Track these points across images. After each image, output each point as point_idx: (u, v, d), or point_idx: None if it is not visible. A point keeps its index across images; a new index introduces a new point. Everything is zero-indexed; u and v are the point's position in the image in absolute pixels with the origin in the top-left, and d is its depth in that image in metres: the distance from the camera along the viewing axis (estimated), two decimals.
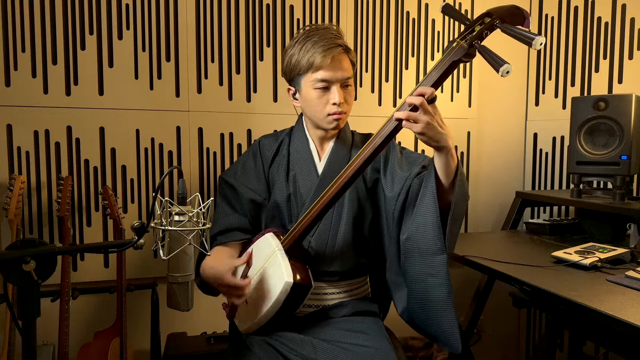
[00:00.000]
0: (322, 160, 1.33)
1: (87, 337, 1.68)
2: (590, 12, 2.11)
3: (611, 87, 2.07)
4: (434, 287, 1.14)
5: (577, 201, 1.78)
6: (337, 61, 1.22)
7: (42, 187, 1.71)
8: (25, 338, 0.90)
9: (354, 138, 1.38)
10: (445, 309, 1.13)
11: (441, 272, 1.13)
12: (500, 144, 2.31)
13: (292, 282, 1.09)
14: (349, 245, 1.29)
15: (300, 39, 1.24)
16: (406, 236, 1.18)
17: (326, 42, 1.21)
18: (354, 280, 1.33)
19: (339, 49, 1.23)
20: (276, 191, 1.32)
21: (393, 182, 1.27)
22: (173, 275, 1.28)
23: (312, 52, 1.21)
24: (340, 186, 1.14)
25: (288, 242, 1.20)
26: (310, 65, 1.21)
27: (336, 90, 1.23)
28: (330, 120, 1.26)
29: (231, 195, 1.35)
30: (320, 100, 1.24)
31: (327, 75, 1.22)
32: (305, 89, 1.26)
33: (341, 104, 1.24)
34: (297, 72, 1.25)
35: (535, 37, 0.93)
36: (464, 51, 1.02)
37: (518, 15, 1.02)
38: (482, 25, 1.02)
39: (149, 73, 1.79)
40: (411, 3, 2.08)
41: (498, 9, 1.03)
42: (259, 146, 1.39)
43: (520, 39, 0.96)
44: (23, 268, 0.85)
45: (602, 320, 1.07)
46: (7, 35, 1.65)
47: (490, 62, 0.97)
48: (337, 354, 1.09)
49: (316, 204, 1.17)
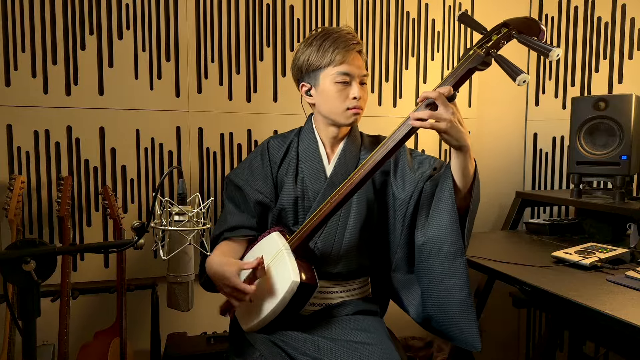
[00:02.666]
0: (331, 163, 1.33)
1: (87, 337, 1.68)
2: (590, 12, 2.11)
3: (611, 87, 2.07)
4: (454, 289, 1.15)
5: (577, 201, 1.78)
6: (356, 59, 1.26)
7: (42, 187, 1.71)
8: (25, 338, 0.90)
9: (362, 140, 1.38)
10: (466, 309, 1.14)
11: (462, 274, 1.14)
12: (500, 144, 2.31)
13: (299, 282, 1.09)
14: (354, 247, 1.29)
15: (317, 37, 1.26)
16: (426, 239, 1.18)
17: (346, 41, 1.24)
18: (358, 280, 1.33)
19: (358, 45, 1.26)
20: (284, 193, 1.32)
21: (404, 184, 1.27)
22: (173, 275, 1.29)
23: (334, 48, 1.23)
24: (350, 189, 1.15)
25: (295, 242, 1.19)
26: (332, 60, 1.23)
27: (356, 85, 1.25)
28: (349, 114, 1.27)
29: (238, 195, 1.35)
30: (340, 94, 1.25)
31: (350, 69, 1.24)
32: (325, 84, 1.26)
33: (360, 99, 1.25)
34: (315, 66, 1.26)
35: (552, 49, 0.95)
36: (480, 59, 1.04)
37: (534, 27, 1.04)
38: (499, 35, 1.04)
39: (149, 73, 1.79)
40: (411, 3, 2.08)
41: (515, 20, 1.05)
42: (267, 147, 1.38)
43: (538, 50, 0.99)
44: (23, 268, 0.85)
45: (602, 320, 1.07)
46: (7, 35, 1.65)
47: (507, 71, 0.98)
48: (340, 352, 1.10)
49: (324, 206, 1.17)
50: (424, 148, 2.14)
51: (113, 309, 1.59)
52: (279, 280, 1.13)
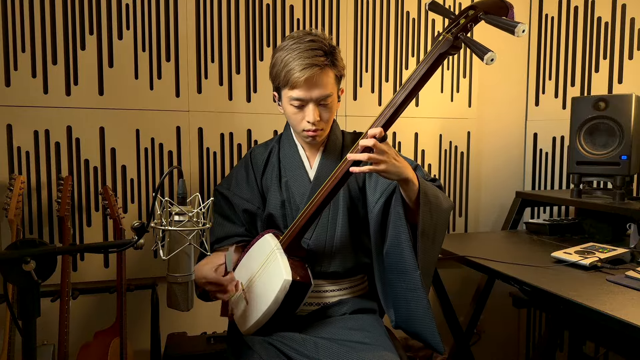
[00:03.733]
0: (314, 166, 1.34)
1: (87, 337, 1.68)
2: (590, 12, 2.11)
3: (611, 87, 2.07)
4: (412, 300, 1.16)
5: (577, 201, 1.78)
6: (315, 79, 1.19)
7: (42, 187, 1.71)
8: (25, 338, 0.90)
9: (344, 139, 1.39)
10: (425, 317, 1.16)
11: (418, 286, 1.14)
12: (500, 144, 2.31)
13: (290, 280, 1.09)
14: (346, 244, 1.29)
15: (286, 47, 1.21)
16: (385, 251, 1.20)
17: (305, 60, 1.17)
18: (354, 277, 1.34)
19: (316, 68, 1.18)
20: (270, 198, 1.34)
21: (376, 186, 1.28)
22: (173, 275, 1.28)
23: (289, 68, 1.19)
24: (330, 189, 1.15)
25: (286, 241, 1.21)
26: (287, 82, 1.20)
27: (311, 109, 1.22)
28: (305, 135, 1.28)
29: (226, 206, 1.38)
30: (296, 117, 1.26)
31: (302, 95, 1.21)
32: (284, 102, 1.27)
33: (316, 122, 1.23)
34: (277, 83, 1.26)
35: (517, 25, 0.96)
36: (449, 43, 1.05)
37: (502, 7, 1.05)
38: (466, 18, 1.05)
39: (149, 73, 1.79)
40: (411, 3, 2.08)
41: (482, 2, 1.06)
42: (251, 157, 1.42)
43: (503, 28, 0.99)
44: (23, 268, 0.84)
45: (602, 320, 1.07)
46: (7, 35, 1.64)
47: (475, 51, 1.00)
48: (339, 352, 1.10)
49: (310, 204, 1.19)
50: (424, 149, 2.15)
51: (113, 309, 1.59)
52: (272, 280, 1.14)
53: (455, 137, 2.20)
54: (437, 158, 2.18)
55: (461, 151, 2.22)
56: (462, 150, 2.22)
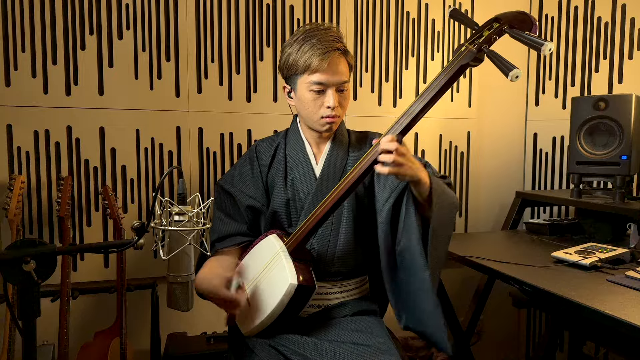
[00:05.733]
0: (320, 163, 1.33)
1: (87, 337, 1.68)
2: (590, 12, 2.11)
3: (611, 87, 2.07)
4: (422, 299, 1.15)
5: (577, 201, 1.78)
6: (334, 65, 1.21)
7: (42, 187, 1.71)
8: (25, 338, 0.90)
9: (350, 138, 1.38)
10: (433, 317, 1.14)
11: (427, 286, 1.13)
12: (500, 144, 2.31)
13: (296, 284, 1.09)
14: (350, 246, 1.29)
15: (299, 38, 1.23)
16: (397, 251, 1.19)
17: (325, 44, 1.20)
18: (356, 279, 1.33)
19: (337, 52, 1.22)
20: (275, 196, 1.31)
21: (385, 186, 1.26)
22: (173, 275, 1.29)
23: (309, 54, 1.20)
24: (342, 192, 1.14)
25: (292, 244, 1.19)
26: (307, 67, 1.20)
27: (331, 94, 1.22)
28: (323, 122, 1.26)
29: (228, 202, 1.34)
30: (314, 103, 1.24)
31: (324, 79, 1.21)
32: (301, 90, 1.25)
33: (335, 108, 1.23)
34: (293, 71, 1.24)
35: (545, 43, 0.95)
36: (472, 55, 1.03)
37: (526, 21, 1.03)
38: (490, 30, 1.03)
39: (149, 73, 1.79)
40: (411, 3, 2.08)
41: (506, 15, 1.04)
42: (256, 151, 1.38)
43: (530, 45, 0.98)
44: (23, 268, 0.85)
45: (602, 320, 1.07)
46: (7, 35, 1.65)
47: (499, 66, 0.98)
48: (342, 354, 1.09)
49: (319, 208, 1.17)
50: (424, 148, 2.15)
51: (113, 309, 1.59)
52: (276, 283, 1.13)
53: (455, 137, 2.20)
54: (437, 158, 2.18)
55: (461, 151, 2.22)
56: (462, 150, 2.22)
